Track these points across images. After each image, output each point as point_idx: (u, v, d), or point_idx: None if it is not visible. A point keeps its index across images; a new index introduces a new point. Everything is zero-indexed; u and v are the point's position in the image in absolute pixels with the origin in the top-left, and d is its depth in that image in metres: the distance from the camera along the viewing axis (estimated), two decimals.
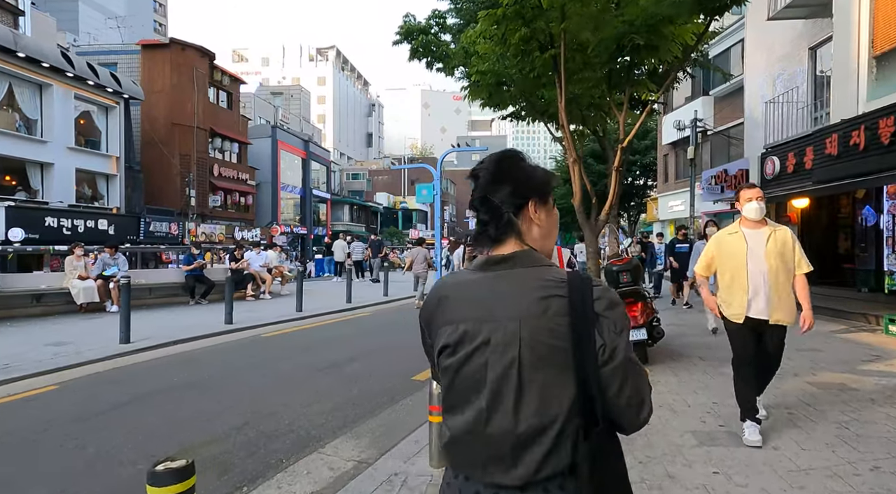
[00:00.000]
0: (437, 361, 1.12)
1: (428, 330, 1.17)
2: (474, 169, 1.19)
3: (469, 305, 1.07)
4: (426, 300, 1.19)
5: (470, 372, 1.04)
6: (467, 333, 1.05)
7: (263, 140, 35.55)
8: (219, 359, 6.65)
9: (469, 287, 1.10)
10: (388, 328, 9.37)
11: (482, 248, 1.13)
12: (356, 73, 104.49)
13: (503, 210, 1.10)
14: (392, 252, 33.60)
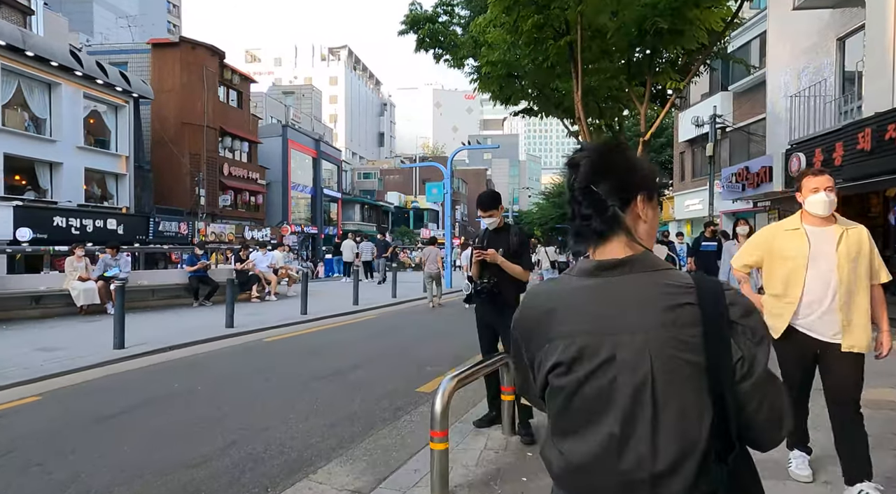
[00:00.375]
0: (543, 380, 1.02)
1: (527, 345, 1.06)
2: (573, 157, 1.06)
3: (584, 317, 0.98)
4: (523, 312, 1.08)
5: (592, 392, 0.95)
6: (586, 349, 0.95)
7: (274, 139, 35.42)
8: (215, 367, 6.33)
9: (581, 296, 1.00)
10: (393, 331, 9.00)
11: (582, 246, 1.03)
12: (368, 72, 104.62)
13: (608, 203, 0.99)
14: (402, 251, 33.32)
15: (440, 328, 9.61)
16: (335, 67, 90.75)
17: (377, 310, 11.80)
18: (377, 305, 12.25)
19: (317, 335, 8.59)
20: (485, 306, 4.02)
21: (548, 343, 1.00)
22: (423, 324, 10.02)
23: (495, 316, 4.01)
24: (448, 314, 12.18)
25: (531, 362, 1.06)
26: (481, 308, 4.07)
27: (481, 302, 4.04)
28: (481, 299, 3.97)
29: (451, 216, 17.23)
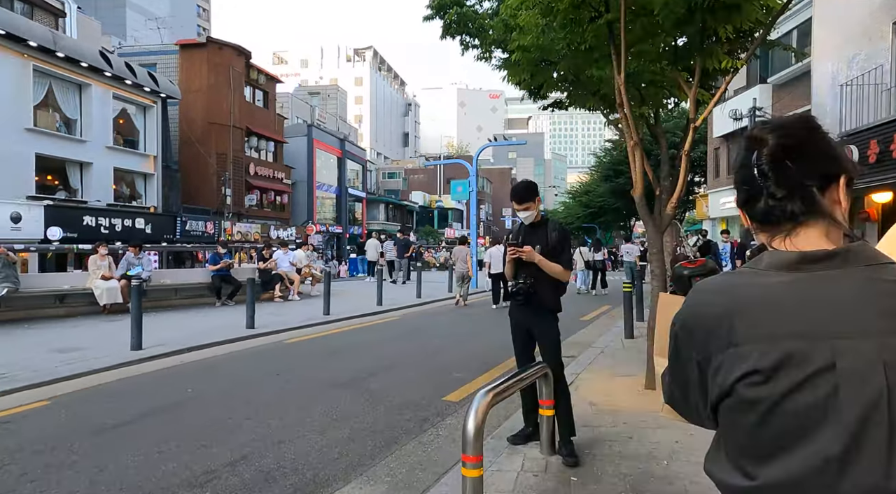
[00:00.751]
0: (723, 390, 0.86)
1: (700, 349, 0.90)
2: (755, 131, 0.91)
3: (789, 318, 0.83)
4: (696, 309, 0.92)
5: (801, 407, 0.81)
6: (793, 356, 0.81)
7: (299, 139, 35.53)
8: (232, 370, 6.05)
9: (780, 293, 0.84)
10: (418, 333, 8.63)
11: (775, 230, 0.88)
12: (393, 72, 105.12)
13: (807, 183, 0.86)
14: (427, 251, 33.00)
15: (467, 329, 9.21)
16: (360, 68, 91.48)
17: (401, 311, 11.46)
18: (401, 306, 11.91)
19: (338, 336, 8.27)
20: (520, 308, 3.61)
21: (733, 347, 0.85)
22: (449, 326, 9.63)
23: (532, 320, 3.59)
24: (475, 314, 11.81)
25: (702, 369, 0.91)
26: (516, 310, 3.66)
27: (516, 305, 3.63)
28: (516, 301, 3.56)
29: (476, 214, 16.81)
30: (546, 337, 3.58)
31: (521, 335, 3.70)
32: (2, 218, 16.18)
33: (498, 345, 7.44)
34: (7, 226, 16.32)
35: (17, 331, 8.01)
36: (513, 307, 3.70)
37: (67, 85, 18.87)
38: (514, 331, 3.74)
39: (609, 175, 35.37)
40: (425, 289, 14.10)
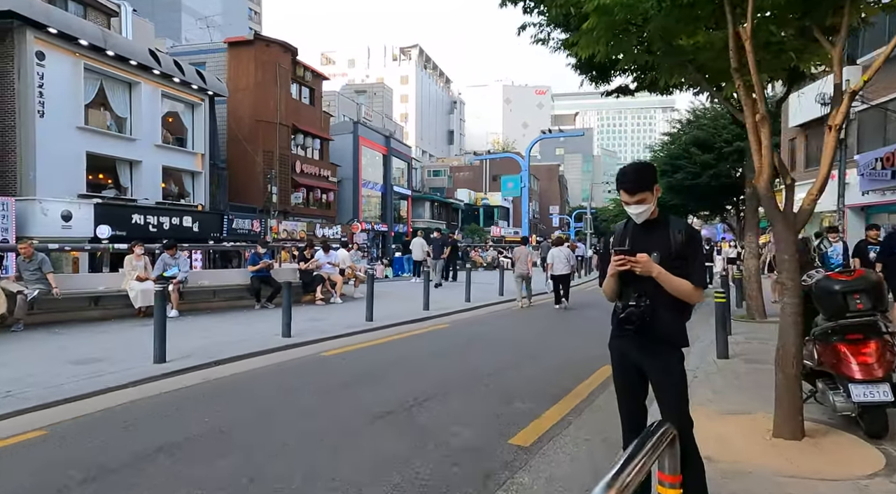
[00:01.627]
0: None
1: None
2: None
3: None
4: None
5: None
6: None
7: (345, 136, 35.26)
8: (260, 392, 5.27)
9: None
10: (471, 346, 7.68)
11: None
12: (438, 70, 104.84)
13: None
14: (474, 250, 32.03)
15: (527, 339, 8.20)
16: (406, 67, 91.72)
17: (450, 317, 10.55)
18: (450, 311, 11.00)
19: (381, 349, 7.43)
20: (629, 339, 2.60)
21: None
22: (506, 335, 8.64)
23: (646, 357, 2.58)
24: (534, 318, 10.79)
25: None
26: (623, 342, 2.65)
27: (623, 335, 2.62)
28: (625, 330, 2.56)
29: (527, 211, 15.72)
30: (668, 382, 2.56)
31: (628, 375, 2.68)
32: (53, 216, 16.31)
33: (564, 360, 6.40)
34: (58, 225, 16.45)
35: (44, 337, 7.57)
36: (617, 337, 2.70)
37: (118, 83, 18.96)
38: (617, 370, 2.73)
39: (666, 170, 33.37)
40: (474, 292, 13.14)
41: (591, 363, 6.42)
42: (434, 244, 18.25)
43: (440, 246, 17.86)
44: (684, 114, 33.63)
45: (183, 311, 9.83)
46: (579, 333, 8.89)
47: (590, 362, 6.48)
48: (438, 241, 18.23)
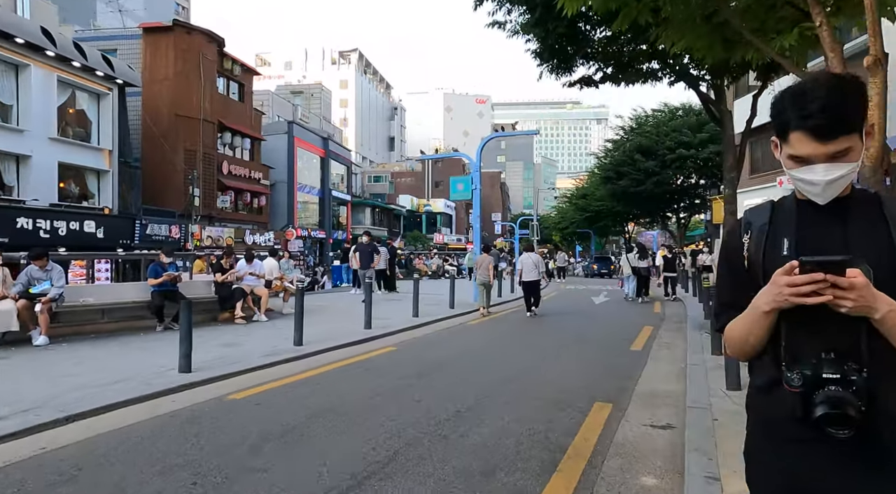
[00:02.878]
0: None
1: None
2: None
3: None
4: None
5: None
6: None
7: (279, 137, 32.92)
8: (115, 475, 3.53)
9: None
10: (426, 380, 6.17)
11: None
12: (378, 76, 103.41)
13: None
14: (418, 258, 30.51)
15: (495, 365, 6.79)
16: (345, 71, 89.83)
17: (397, 336, 9.00)
18: (396, 329, 9.45)
19: (309, 386, 5.79)
20: (825, 456, 1.20)
21: None
22: (468, 362, 7.19)
23: None
24: (500, 336, 9.43)
25: None
26: (806, 461, 1.24)
27: (804, 446, 1.23)
28: (833, 434, 1.15)
29: (479, 215, 14.46)
30: None
31: None
32: None
33: (548, 397, 5.02)
34: None
35: None
36: (781, 448, 1.28)
37: (0, 65, 16.16)
38: None
39: (610, 176, 33.31)
40: (422, 305, 11.65)
41: (580, 396, 5.10)
42: (361, 251, 14.98)
43: (369, 253, 14.83)
44: (627, 121, 33.85)
45: (58, 336, 7.77)
46: (553, 351, 7.62)
47: (578, 394, 5.16)
48: (367, 248, 14.99)
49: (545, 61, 10.16)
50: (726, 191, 8.78)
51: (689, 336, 8.74)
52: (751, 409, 1.38)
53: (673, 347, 8.14)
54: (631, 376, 6.18)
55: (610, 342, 8.65)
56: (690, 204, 32.60)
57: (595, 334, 9.50)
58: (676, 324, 10.82)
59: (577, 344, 8.36)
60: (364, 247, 15.00)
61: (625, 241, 48.15)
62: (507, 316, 12.45)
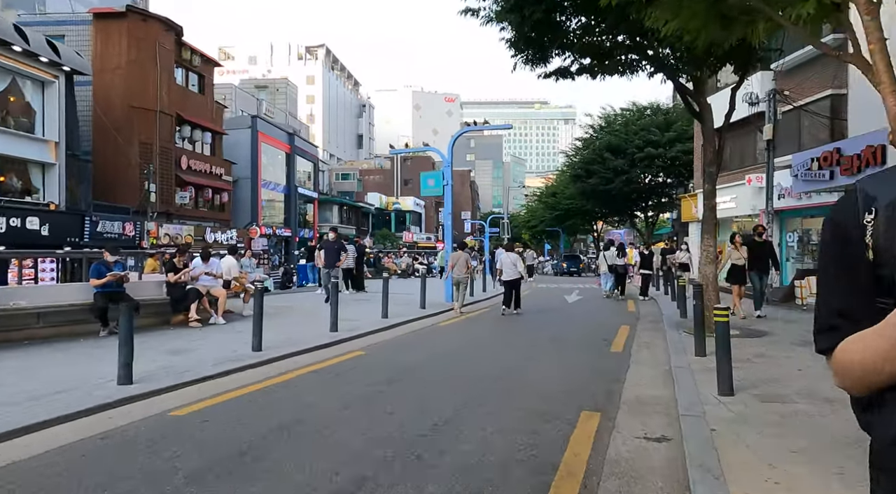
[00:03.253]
0: None
1: None
2: None
3: None
4: None
5: None
6: None
7: (242, 131, 31.77)
8: None
9: None
10: (397, 388, 5.67)
11: None
12: (346, 72, 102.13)
13: None
14: (387, 257, 29.87)
15: (474, 367, 6.34)
16: (312, 67, 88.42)
17: (365, 339, 8.47)
18: (364, 331, 8.91)
19: (266, 398, 5.22)
20: None
21: None
22: (443, 367, 6.72)
23: None
24: (475, 338, 9.00)
25: None
26: None
27: None
28: None
29: (450, 212, 14.01)
30: None
31: None
32: None
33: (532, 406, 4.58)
34: None
35: None
36: None
37: None
38: None
39: (580, 175, 33.38)
40: (392, 305, 11.12)
41: (564, 404, 4.69)
42: (326, 249, 13.88)
43: (335, 251, 13.74)
44: (597, 120, 33.97)
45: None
46: (531, 353, 7.22)
47: (563, 402, 4.75)
48: (333, 246, 13.89)
49: (520, 51, 9.78)
50: (705, 185, 8.56)
51: (668, 335, 8.48)
52: (886, 472, 0.94)
53: (653, 347, 7.86)
54: (615, 380, 5.82)
55: (589, 342, 8.33)
56: (658, 202, 32.92)
57: (573, 334, 9.17)
58: (653, 323, 10.60)
59: (555, 346, 8.00)
60: (330, 244, 13.99)
61: (593, 240, 48.54)
62: (481, 315, 12.06)
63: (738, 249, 9.97)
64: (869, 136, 9.83)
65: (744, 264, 9.91)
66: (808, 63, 15.50)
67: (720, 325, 4.99)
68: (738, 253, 9.98)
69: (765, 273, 9.94)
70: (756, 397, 4.85)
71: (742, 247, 9.89)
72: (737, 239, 10.09)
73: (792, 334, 8.43)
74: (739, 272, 10.00)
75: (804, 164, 11.58)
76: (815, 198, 14.98)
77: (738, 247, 9.98)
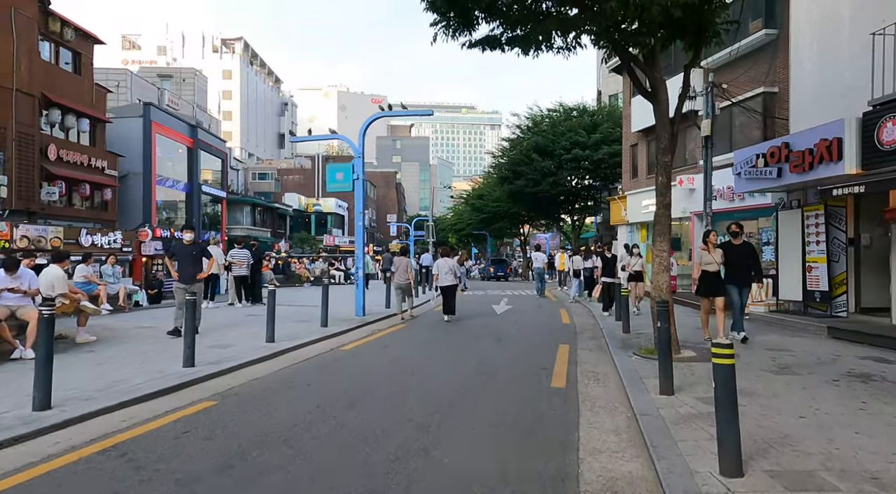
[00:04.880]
0: None
1: None
2: None
3: None
4: None
5: None
6: None
7: (132, 120, 27.97)
8: None
9: None
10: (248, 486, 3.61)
11: None
12: (267, 68, 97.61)
13: None
14: (298, 262, 27.15)
15: (364, 436, 4.32)
16: (229, 61, 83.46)
17: (231, 377, 6.26)
18: (232, 365, 6.68)
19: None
20: None
21: None
22: (325, 428, 4.67)
23: None
24: (378, 371, 6.82)
25: None
26: None
27: None
28: None
29: (363, 208, 12.00)
30: None
31: None
32: None
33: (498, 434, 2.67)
34: None
35: None
36: None
37: None
38: None
39: (507, 176, 32.26)
40: (288, 322, 8.92)
41: None
42: (180, 256, 8.95)
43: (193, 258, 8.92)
44: (524, 120, 33.03)
45: None
46: (449, 400, 5.37)
47: None
48: (189, 251, 8.93)
49: (441, 14, 7.98)
50: (659, 178, 7.13)
51: (618, 361, 6.96)
52: None
53: (604, 380, 6.26)
54: (565, 444, 4.08)
55: (523, 373, 6.61)
56: (584, 206, 32.46)
57: (502, 361, 7.44)
58: (594, 341, 9.13)
59: (480, 383, 6.19)
60: (185, 249, 8.98)
61: (520, 244, 47.91)
62: (390, 338, 10.02)
63: (711, 251, 7.94)
64: (822, 129, 8.87)
65: (718, 271, 7.97)
66: (740, 60, 14.92)
67: (722, 371, 3.34)
68: (710, 257, 7.92)
69: (745, 284, 8.05)
70: (775, 478, 3.24)
71: (716, 249, 7.97)
72: (711, 237, 8.03)
73: (757, 356, 7.15)
74: (712, 280, 7.92)
75: (748, 161, 10.60)
76: (748, 200, 14.33)
77: (712, 248, 7.92)
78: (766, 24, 14.03)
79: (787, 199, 11.35)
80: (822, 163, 8.83)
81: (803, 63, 10.83)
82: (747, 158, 10.70)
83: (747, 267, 7.96)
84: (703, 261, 8.04)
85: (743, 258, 7.97)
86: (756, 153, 10.43)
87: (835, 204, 9.80)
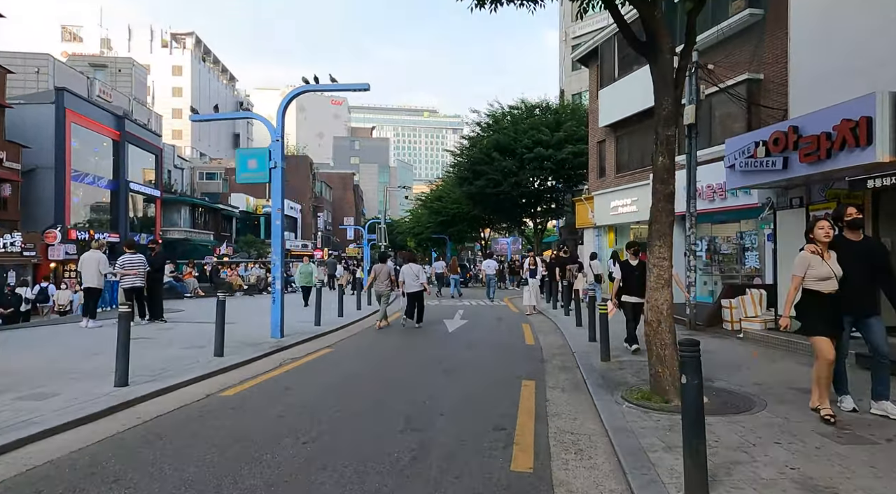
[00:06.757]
0: None
1: None
2: None
3: None
4: None
5: None
6: None
7: (41, 107, 24.71)
8: None
9: None
10: None
11: None
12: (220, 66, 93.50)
13: None
14: (231, 269, 24.36)
15: None
16: (179, 56, 79.21)
17: (74, 434, 3.90)
18: (163, 388, 4.33)
19: None
20: None
21: None
22: None
23: None
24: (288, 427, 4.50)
25: None
26: None
27: None
28: None
29: (280, 207, 9.68)
30: None
31: None
32: None
33: None
34: None
35: None
36: None
37: None
38: None
39: (467, 177, 30.26)
40: (165, 355, 6.52)
41: None
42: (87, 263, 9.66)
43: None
44: (484, 117, 31.17)
45: None
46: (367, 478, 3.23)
47: None
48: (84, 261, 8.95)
49: None
50: (661, 159, 5.18)
51: (602, 411, 4.94)
52: None
53: (589, 451, 4.20)
54: None
55: (472, 438, 4.49)
56: (547, 208, 30.82)
57: (446, 408, 5.32)
58: (566, 373, 7.11)
59: (404, 463, 4.05)
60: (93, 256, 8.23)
61: (480, 248, 46.07)
62: (299, 373, 7.79)
63: (826, 255, 4.72)
64: (844, 107, 7.15)
65: (837, 290, 4.68)
66: (721, 44, 13.38)
67: None
68: (825, 265, 4.66)
69: (872, 311, 4.74)
70: None
71: (830, 251, 4.79)
72: (822, 230, 4.76)
73: None
74: (833, 307, 4.70)
75: (745, 151, 8.85)
76: (730, 200, 12.75)
77: (826, 251, 4.73)
78: (750, 2, 12.51)
79: (785, 197, 9.70)
80: (843, 150, 7.10)
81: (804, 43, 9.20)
82: (744, 147, 8.96)
83: (872, 281, 4.66)
84: (813, 275, 4.70)
85: (867, 266, 4.65)
86: (755, 140, 8.68)
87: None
